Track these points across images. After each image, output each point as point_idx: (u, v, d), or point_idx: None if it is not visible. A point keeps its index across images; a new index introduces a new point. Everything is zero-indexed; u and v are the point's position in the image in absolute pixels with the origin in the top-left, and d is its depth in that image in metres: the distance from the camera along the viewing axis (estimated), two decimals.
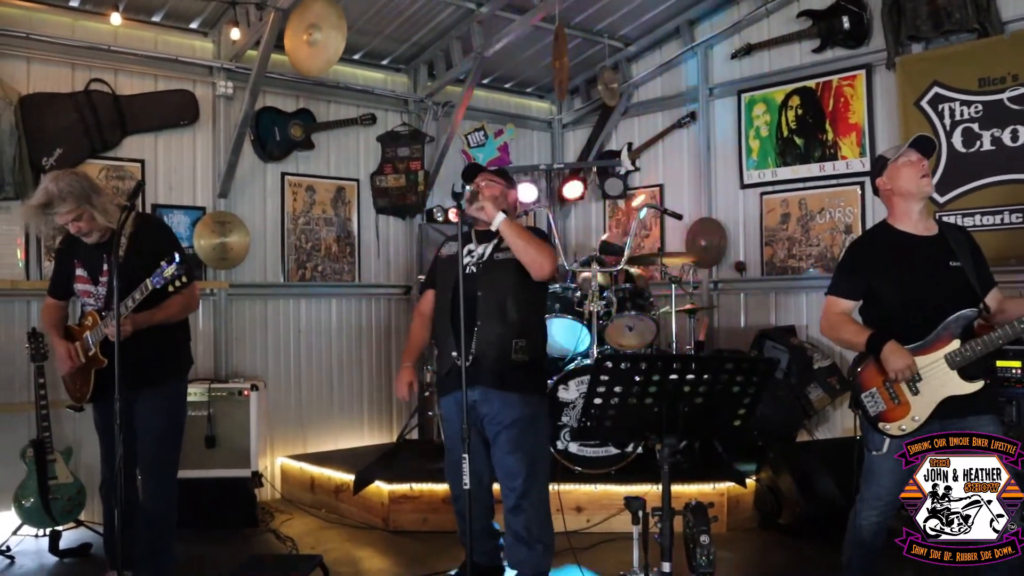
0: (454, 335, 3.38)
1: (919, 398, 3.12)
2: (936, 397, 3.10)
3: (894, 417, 3.14)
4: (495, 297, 3.48)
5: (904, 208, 3.26)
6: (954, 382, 3.09)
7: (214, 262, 5.66)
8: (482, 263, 3.55)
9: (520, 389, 3.50)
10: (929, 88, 5.35)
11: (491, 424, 3.50)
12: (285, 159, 6.14)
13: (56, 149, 5.06)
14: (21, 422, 4.89)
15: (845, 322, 3.29)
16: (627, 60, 7.07)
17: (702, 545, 2.62)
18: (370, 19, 5.97)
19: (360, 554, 4.59)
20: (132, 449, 3.48)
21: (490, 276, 3.51)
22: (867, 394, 3.21)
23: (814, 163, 6.05)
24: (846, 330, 3.26)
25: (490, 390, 3.46)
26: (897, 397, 3.15)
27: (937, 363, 3.10)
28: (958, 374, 3.09)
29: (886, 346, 3.09)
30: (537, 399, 3.59)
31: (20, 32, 5.05)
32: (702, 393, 2.63)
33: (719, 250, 6.51)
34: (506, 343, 3.46)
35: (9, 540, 4.53)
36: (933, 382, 3.10)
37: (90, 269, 3.59)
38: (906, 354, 3.07)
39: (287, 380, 6.14)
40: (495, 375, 3.45)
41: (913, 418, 3.11)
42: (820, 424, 5.88)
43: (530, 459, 3.50)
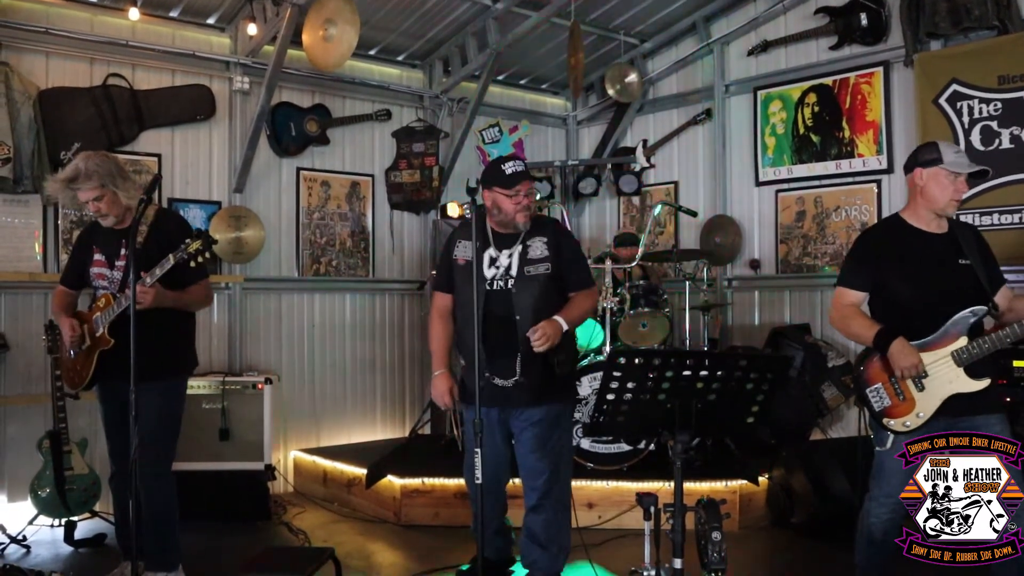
0: (483, 355, 3.25)
1: (924, 394, 3.11)
2: (942, 394, 3.09)
3: (899, 413, 3.13)
4: (535, 318, 3.33)
5: (923, 209, 3.23)
6: (960, 380, 3.07)
7: (229, 256, 5.69)
8: (512, 279, 3.42)
9: (553, 397, 3.45)
10: (948, 86, 5.31)
11: (517, 420, 3.47)
12: (300, 154, 6.16)
13: (74, 143, 5.10)
14: (38, 413, 4.96)
15: (854, 315, 3.26)
16: (643, 57, 7.06)
17: (714, 541, 2.62)
18: (386, 15, 5.98)
19: (372, 547, 4.60)
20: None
21: (526, 295, 3.38)
22: (872, 390, 3.20)
23: (830, 160, 6.02)
24: (855, 323, 3.24)
25: (534, 407, 3.41)
26: (902, 393, 3.13)
27: (944, 360, 3.09)
28: (964, 372, 3.07)
29: (893, 344, 3.08)
30: (563, 402, 3.54)
31: (39, 27, 5.09)
32: (715, 390, 2.62)
33: (734, 247, 6.48)
34: (549, 361, 3.37)
35: (25, 530, 4.58)
36: (939, 379, 3.09)
37: (108, 254, 3.66)
38: (913, 353, 3.06)
39: (301, 374, 6.17)
40: (536, 392, 3.38)
41: (918, 414, 3.10)
42: (834, 423, 5.85)
43: (553, 459, 3.46)
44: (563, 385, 3.50)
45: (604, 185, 7.29)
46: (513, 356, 3.36)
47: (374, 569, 4.27)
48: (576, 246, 3.62)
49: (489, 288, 3.42)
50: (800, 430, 5.54)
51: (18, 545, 4.47)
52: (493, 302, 3.38)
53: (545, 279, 3.40)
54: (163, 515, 3.62)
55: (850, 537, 3.45)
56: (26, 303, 5.09)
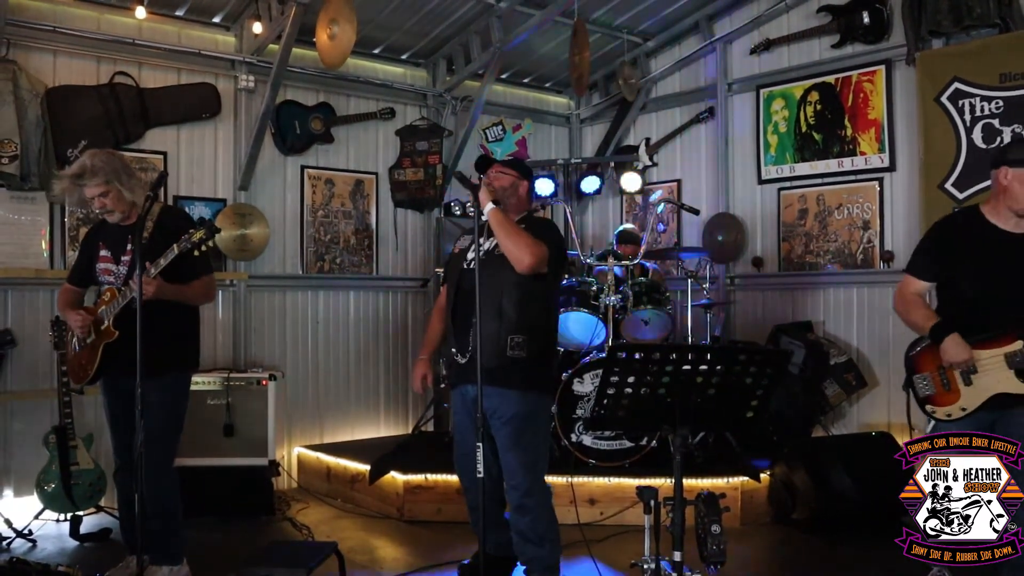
0: (452, 331, 3.44)
1: (971, 389, 3.20)
2: (988, 392, 3.17)
3: (943, 403, 3.25)
4: (492, 292, 3.38)
5: (1003, 207, 3.21)
6: (1009, 381, 3.14)
7: (234, 253, 5.73)
8: (483, 257, 3.46)
9: (517, 386, 3.43)
10: (949, 84, 5.32)
11: (492, 419, 3.48)
12: (305, 152, 6.20)
13: (81, 141, 5.13)
14: (44, 409, 4.99)
15: (917, 304, 3.35)
16: (646, 55, 7.08)
17: (713, 535, 2.63)
18: (390, 14, 6.00)
19: (375, 543, 4.63)
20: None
21: (488, 271, 3.38)
22: (920, 376, 3.31)
23: (832, 159, 6.04)
24: (916, 313, 3.33)
25: (487, 386, 3.35)
26: (949, 384, 3.24)
27: (996, 359, 3.15)
28: (1015, 374, 3.13)
29: (948, 338, 3.16)
30: (535, 396, 3.51)
31: (47, 25, 5.13)
32: (715, 384, 2.63)
33: (736, 245, 6.50)
34: (501, 339, 3.40)
35: (31, 524, 4.62)
36: (988, 377, 3.17)
37: (114, 249, 3.71)
38: (966, 349, 3.15)
39: (304, 371, 6.20)
40: (489, 371, 3.33)
41: (962, 408, 3.20)
42: (836, 420, 5.87)
43: (529, 456, 3.46)
44: (525, 373, 3.44)
45: (607, 183, 7.30)
46: (468, 328, 3.42)
47: (377, 564, 4.30)
48: (540, 226, 3.57)
49: (465, 268, 3.51)
50: (801, 427, 5.56)
51: (24, 539, 4.51)
52: (464, 280, 3.45)
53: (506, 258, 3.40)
54: (167, 508, 3.66)
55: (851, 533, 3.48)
56: (32, 299, 5.13)
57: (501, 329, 3.41)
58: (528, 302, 3.45)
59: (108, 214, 3.68)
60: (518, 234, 3.34)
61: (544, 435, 3.67)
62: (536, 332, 3.51)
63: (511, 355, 3.41)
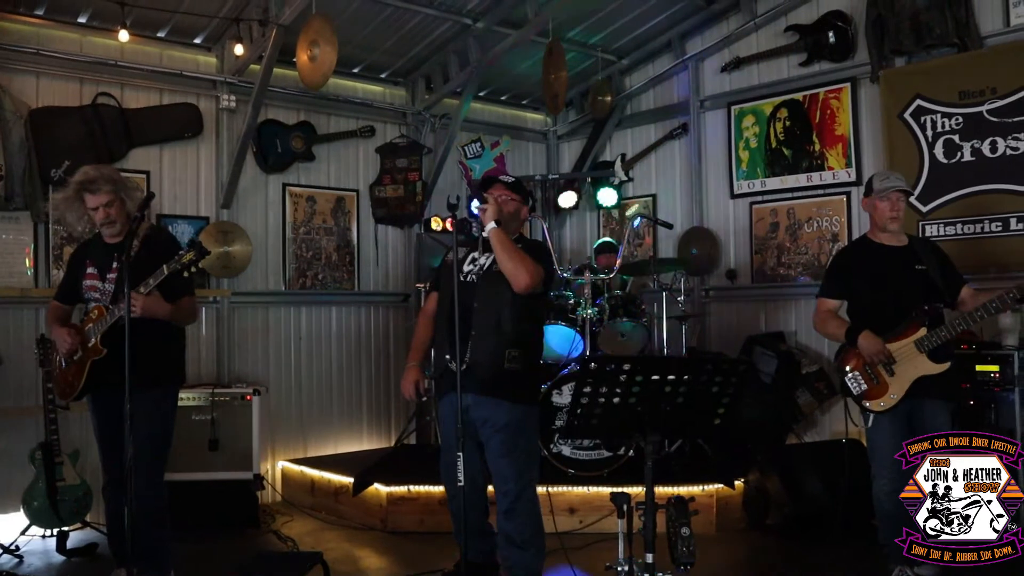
0: (449, 341, 3.54)
1: (895, 378, 3.72)
2: (910, 377, 3.69)
3: (876, 395, 3.75)
4: (491, 308, 3.58)
5: (875, 227, 3.96)
6: (925, 364, 3.69)
7: (217, 271, 5.80)
8: (481, 273, 3.67)
9: (510, 397, 3.60)
10: (912, 101, 5.50)
11: (484, 428, 3.63)
12: (286, 170, 6.29)
13: (65, 161, 5.20)
14: (30, 426, 5.04)
15: (831, 318, 3.98)
16: (620, 73, 7.24)
17: (683, 537, 2.75)
18: (369, 34, 6.11)
19: (359, 553, 4.71)
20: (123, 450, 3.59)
21: (487, 287, 3.61)
22: (850, 376, 3.83)
23: (801, 173, 6.21)
24: (831, 324, 3.97)
25: (481, 396, 3.56)
26: (876, 378, 3.76)
27: (909, 347, 3.71)
28: (928, 357, 3.69)
29: (861, 335, 3.76)
30: (525, 407, 3.68)
31: (30, 48, 5.21)
32: (683, 393, 2.76)
33: (710, 258, 6.65)
34: (499, 353, 3.56)
35: (18, 540, 4.66)
36: (906, 364, 3.70)
37: (100, 267, 3.77)
38: (877, 341, 3.72)
39: (288, 385, 6.27)
40: (486, 383, 3.54)
41: (891, 396, 3.72)
42: (808, 428, 6.00)
43: (521, 463, 3.63)
44: (518, 385, 3.62)
45: (584, 198, 7.44)
46: (467, 341, 3.55)
47: (361, 574, 4.38)
48: (534, 248, 3.73)
49: (463, 281, 3.63)
50: (775, 435, 5.68)
51: (11, 555, 4.55)
52: (463, 293, 3.57)
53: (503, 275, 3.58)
54: (156, 521, 3.70)
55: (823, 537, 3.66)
56: (17, 318, 5.18)
57: (500, 343, 3.56)
58: (523, 318, 3.64)
59: (108, 225, 3.72)
60: (519, 255, 3.52)
61: (534, 443, 3.84)
62: (529, 347, 3.71)
63: (508, 367, 3.57)
